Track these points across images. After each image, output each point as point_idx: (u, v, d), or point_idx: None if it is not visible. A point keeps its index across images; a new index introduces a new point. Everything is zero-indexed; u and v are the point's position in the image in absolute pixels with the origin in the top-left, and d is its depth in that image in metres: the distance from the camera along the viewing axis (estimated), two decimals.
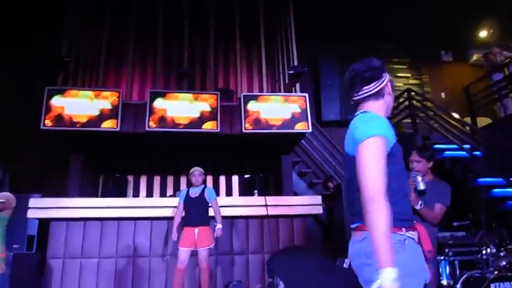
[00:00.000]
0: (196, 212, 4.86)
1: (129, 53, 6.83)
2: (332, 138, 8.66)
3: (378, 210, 1.54)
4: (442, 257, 4.16)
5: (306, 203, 6.09)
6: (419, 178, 3.04)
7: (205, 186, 5.07)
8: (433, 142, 7.91)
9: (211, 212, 5.09)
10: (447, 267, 4.15)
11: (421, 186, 3.00)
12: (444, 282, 4.09)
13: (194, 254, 4.89)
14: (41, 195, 5.88)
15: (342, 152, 7.20)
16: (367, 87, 1.90)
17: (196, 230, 4.75)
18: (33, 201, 5.45)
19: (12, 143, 7.50)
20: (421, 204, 2.98)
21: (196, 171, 5.04)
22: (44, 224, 5.67)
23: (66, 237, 5.57)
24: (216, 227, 4.84)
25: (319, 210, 6.11)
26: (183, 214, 4.93)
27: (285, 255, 5.40)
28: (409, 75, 10.24)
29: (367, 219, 1.57)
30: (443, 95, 10.25)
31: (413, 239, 1.74)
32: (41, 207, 5.48)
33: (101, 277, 5.48)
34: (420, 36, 9.57)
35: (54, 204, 5.55)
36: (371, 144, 1.69)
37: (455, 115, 8.40)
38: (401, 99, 9.26)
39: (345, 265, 5.57)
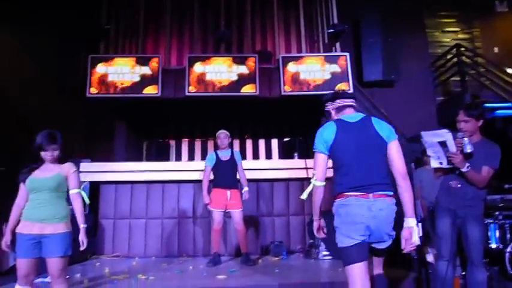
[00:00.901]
0: (227, 174, 4.89)
1: (166, 18, 6.83)
2: (374, 98, 8.37)
3: (409, 183, 2.42)
4: (491, 220, 4.01)
5: None
6: (467, 140, 2.88)
7: (233, 150, 5.06)
8: (483, 100, 7.46)
9: None
10: (496, 230, 4.01)
11: (468, 149, 2.85)
12: (493, 245, 3.97)
13: (227, 215, 5.00)
14: (91, 160, 6.18)
15: (385, 113, 7.01)
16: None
17: (228, 192, 4.80)
18: (84, 166, 5.75)
19: (60, 111, 7.87)
20: (468, 167, 2.84)
21: (222, 133, 5.02)
22: (95, 187, 5.99)
23: (116, 199, 5.87)
24: (243, 190, 4.88)
25: None
26: (212, 177, 5.01)
27: (326, 216, 5.42)
28: (458, 29, 9.55)
29: (404, 188, 2.42)
30: (496, 49, 9.51)
31: None
32: (91, 171, 5.77)
33: (149, 237, 5.77)
34: None
35: (103, 168, 5.84)
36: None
37: (510, 71, 7.83)
38: (449, 56, 8.75)
39: None
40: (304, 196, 2.76)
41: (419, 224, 3.08)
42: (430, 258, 3.81)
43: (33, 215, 2.74)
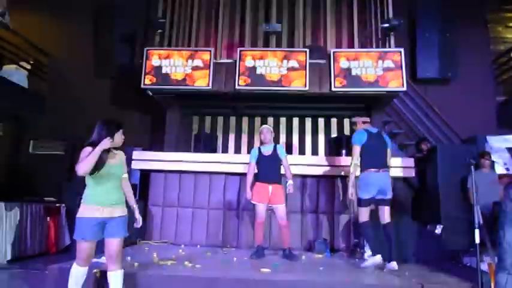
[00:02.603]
0: (270, 169, 4.89)
1: (218, 12, 6.93)
2: (428, 96, 8.03)
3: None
4: None
5: (397, 165, 5.82)
6: None
7: (275, 144, 5.04)
8: None
9: None
10: None
11: None
12: None
13: (269, 208, 5.01)
14: (142, 149, 6.43)
15: (438, 112, 6.75)
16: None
17: (270, 187, 4.80)
18: (136, 154, 6.00)
19: (116, 100, 8.24)
20: None
21: (265, 128, 5.02)
22: (145, 174, 6.23)
23: (165, 187, 6.08)
24: (288, 183, 4.83)
25: (411, 173, 5.83)
26: (255, 171, 5.00)
27: (373, 216, 5.29)
28: None
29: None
30: None
31: None
32: (142, 159, 6.02)
33: (195, 225, 5.94)
34: None
35: (154, 157, 6.06)
36: None
37: None
38: None
39: (436, 231, 5.31)
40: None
41: (477, 231, 2.92)
42: (484, 267, 3.62)
43: (105, 200, 2.92)
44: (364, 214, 4.46)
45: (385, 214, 4.41)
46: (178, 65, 6.28)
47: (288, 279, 3.61)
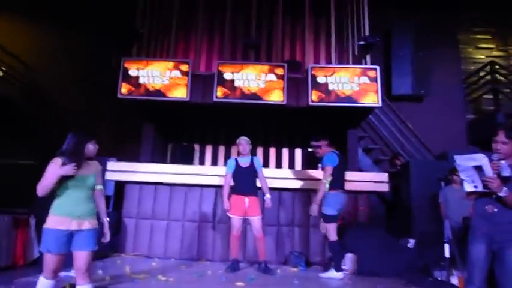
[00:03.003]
0: (246, 181, 4.88)
1: (198, 24, 6.97)
2: (401, 113, 8.25)
3: None
4: None
5: (371, 180, 5.92)
6: (504, 163, 2.78)
7: (252, 156, 5.05)
8: None
9: None
10: None
11: (506, 173, 2.76)
12: None
13: (247, 222, 5.00)
14: (117, 160, 6.32)
15: (412, 128, 6.95)
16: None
17: (246, 199, 4.78)
18: (110, 165, 5.88)
19: (91, 109, 8.11)
20: (505, 191, 2.74)
21: (243, 140, 4.99)
22: (120, 186, 6.11)
23: (139, 199, 5.97)
24: (265, 197, 4.84)
25: (385, 187, 5.93)
26: (232, 183, 4.99)
27: (347, 231, 5.35)
28: (493, 46, 9.31)
29: None
30: None
31: None
32: (117, 170, 5.90)
33: (169, 238, 5.84)
34: (510, 2, 8.62)
35: (129, 168, 5.95)
36: None
37: None
38: (482, 73, 8.55)
39: (409, 245, 5.41)
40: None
41: (446, 245, 2.99)
42: (454, 280, 3.70)
43: (73, 211, 2.83)
44: (334, 231, 4.60)
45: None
46: (156, 76, 6.25)
47: None
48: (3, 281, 4.26)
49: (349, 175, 5.91)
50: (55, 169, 2.81)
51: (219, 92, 6.19)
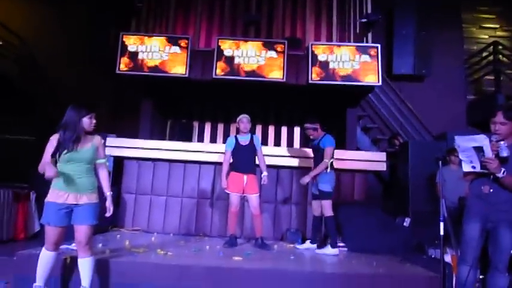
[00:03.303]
0: (245, 159, 4.90)
1: (197, 0, 6.85)
2: (402, 92, 8.21)
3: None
4: None
5: (369, 159, 5.94)
6: (503, 144, 2.79)
7: (252, 135, 5.06)
8: None
9: None
10: None
11: (505, 153, 2.77)
12: None
13: (245, 199, 5.10)
14: (116, 136, 6.31)
15: (412, 108, 6.94)
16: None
17: (245, 176, 4.82)
18: (109, 141, 5.88)
19: (89, 84, 8.04)
20: (503, 172, 2.76)
21: (245, 118, 4.98)
22: (119, 161, 6.13)
23: (138, 175, 6.00)
24: (262, 175, 4.86)
25: (382, 167, 5.95)
26: (231, 161, 5.01)
27: (345, 208, 5.41)
28: (497, 26, 9.18)
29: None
30: None
31: None
32: (116, 146, 5.91)
33: (168, 213, 5.91)
34: None
35: (128, 144, 5.96)
36: None
37: None
38: (485, 53, 8.46)
39: (405, 224, 5.48)
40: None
41: (442, 224, 3.04)
42: (448, 258, 3.77)
43: (69, 186, 2.84)
44: (330, 207, 4.76)
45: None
46: (154, 51, 6.18)
47: (259, 267, 3.66)
48: (6, 253, 4.34)
49: (348, 154, 5.95)
50: (50, 146, 2.86)
51: (219, 68, 6.14)
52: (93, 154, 2.98)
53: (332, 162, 4.81)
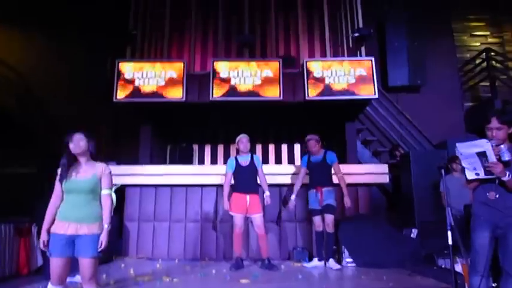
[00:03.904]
0: (247, 179, 4.88)
1: (191, 24, 6.95)
2: (399, 104, 8.24)
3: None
4: None
5: (371, 172, 5.92)
6: (504, 147, 2.78)
7: (252, 154, 5.06)
8: None
9: None
10: None
11: (506, 157, 2.76)
12: None
13: (249, 220, 5.10)
14: (116, 163, 6.30)
15: (410, 119, 6.94)
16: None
17: (247, 197, 4.79)
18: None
19: (88, 114, 8.07)
20: (509, 175, 2.74)
21: (244, 138, 4.98)
22: (120, 189, 6.09)
23: (140, 202, 5.96)
24: (265, 195, 4.85)
25: (385, 179, 5.92)
26: (232, 182, 4.98)
27: (350, 223, 5.35)
28: (487, 33, 9.29)
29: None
30: None
31: None
32: (116, 174, 5.85)
33: (172, 239, 5.83)
34: None
35: (129, 171, 5.94)
36: None
37: None
38: (478, 60, 8.53)
39: (412, 235, 5.41)
40: None
41: (449, 233, 2.99)
42: (458, 268, 3.70)
43: (69, 216, 2.79)
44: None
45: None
46: (151, 77, 6.23)
47: None
48: None
49: (349, 168, 5.93)
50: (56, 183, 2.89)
51: (215, 90, 6.17)
52: (94, 184, 2.88)
53: None
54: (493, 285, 3.25)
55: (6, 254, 5.23)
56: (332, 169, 5.09)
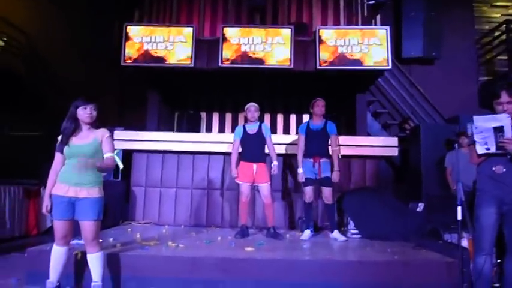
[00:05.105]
0: (254, 148, 4.81)
1: None
2: (412, 76, 8.04)
3: None
4: None
5: (380, 144, 5.83)
6: None
7: (261, 123, 4.97)
8: None
9: None
10: None
11: None
12: None
13: (255, 188, 5.05)
14: (123, 128, 6.28)
15: (423, 91, 6.77)
16: None
17: (254, 165, 4.75)
18: (117, 134, 5.85)
19: (95, 79, 7.99)
20: None
21: (252, 106, 4.88)
22: (128, 155, 6.10)
23: (147, 167, 5.97)
24: (272, 164, 4.77)
25: (394, 152, 5.84)
26: (240, 150, 4.93)
27: (356, 195, 5.33)
28: (509, 4, 8.89)
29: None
30: None
31: None
32: (124, 139, 5.87)
33: (179, 205, 5.88)
34: None
35: (136, 136, 5.92)
36: None
37: None
38: (497, 33, 8.22)
39: (418, 209, 5.38)
40: None
41: (459, 208, 2.94)
42: (464, 243, 3.68)
43: (69, 179, 2.81)
44: None
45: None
46: (159, 42, 6.10)
47: (272, 257, 3.61)
48: (19, 249, 4.37)
49: (358, 140, 5.86)
50: (57, 148, 2.91)
51: (224, 57, 6.04)
52: (95, 148, 2.89)
53: None
54: (498, 261, 3.23)
55: (15, 216, 5.34)
56: (329, 140, 4.94)
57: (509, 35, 7.83)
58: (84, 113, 2.88)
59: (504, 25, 7.97)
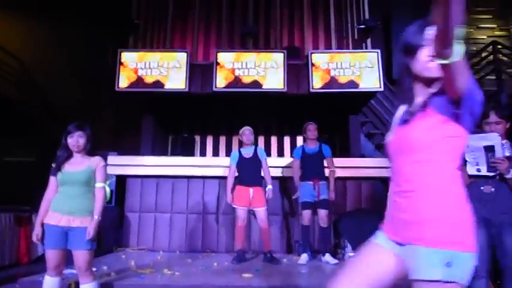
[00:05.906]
0: (250, 172, 4.81)
1: (194, 14, 6.84)
2: None
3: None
4: None
5: (375, 165, 5.85)
6: (506, 143, 2.71)
7: (256, 146, 4.98)
8: None
9: None
10: None
11: (507, 152, 2.67)
12: None
13: (252, 213, 5.00)
14: (117, 154, 6.24)
15: None
16: None
17: (251, 189, 4.73)
18: (111, 159, 5.80)
19: (89, 103, 8.00)
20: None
21: (247, 130, 4.90)
22: (121, 180, 6.05)
23: (141, 193, 5.91)
24: (267, 188, 4.77)
25: (388, 173, 5.83)
26: (236, 174, 4.92)
27: (353, 217, 5.31)
28: (494, 26, 9.16)
29: None
30: None
31: None
32: (118, 164, 5.82)
33: (174, 231, 5.80)
34: None
35: (130, 161, 5.88)
36: None
37: None
38: (484, 54, 8.40)
39: None
40: None
41: None
42: None
43: (62, 207, 2.76)
44: None
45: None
46: (153, 67, 6.15)
47: (270, 284, 3.55)
48: (9, 279, 4.24)
49: (353, 161, 5.87)
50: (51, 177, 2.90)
51: (219, 81, 6.09)
52: (88, 176, 2.85)
53: None
54: (497, 282, 3.20)
55: (5, 243, 5.22)
56: (325, 162, 4.98)
57: (497, 56, 8.00)
58: (72, 141, 2.84)
59: (491, 46, 8.16)
